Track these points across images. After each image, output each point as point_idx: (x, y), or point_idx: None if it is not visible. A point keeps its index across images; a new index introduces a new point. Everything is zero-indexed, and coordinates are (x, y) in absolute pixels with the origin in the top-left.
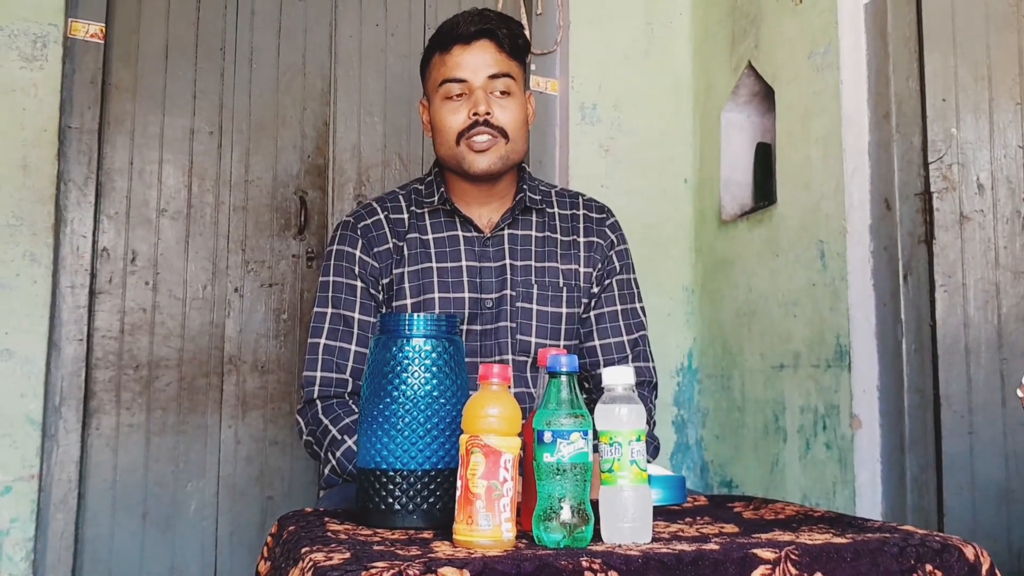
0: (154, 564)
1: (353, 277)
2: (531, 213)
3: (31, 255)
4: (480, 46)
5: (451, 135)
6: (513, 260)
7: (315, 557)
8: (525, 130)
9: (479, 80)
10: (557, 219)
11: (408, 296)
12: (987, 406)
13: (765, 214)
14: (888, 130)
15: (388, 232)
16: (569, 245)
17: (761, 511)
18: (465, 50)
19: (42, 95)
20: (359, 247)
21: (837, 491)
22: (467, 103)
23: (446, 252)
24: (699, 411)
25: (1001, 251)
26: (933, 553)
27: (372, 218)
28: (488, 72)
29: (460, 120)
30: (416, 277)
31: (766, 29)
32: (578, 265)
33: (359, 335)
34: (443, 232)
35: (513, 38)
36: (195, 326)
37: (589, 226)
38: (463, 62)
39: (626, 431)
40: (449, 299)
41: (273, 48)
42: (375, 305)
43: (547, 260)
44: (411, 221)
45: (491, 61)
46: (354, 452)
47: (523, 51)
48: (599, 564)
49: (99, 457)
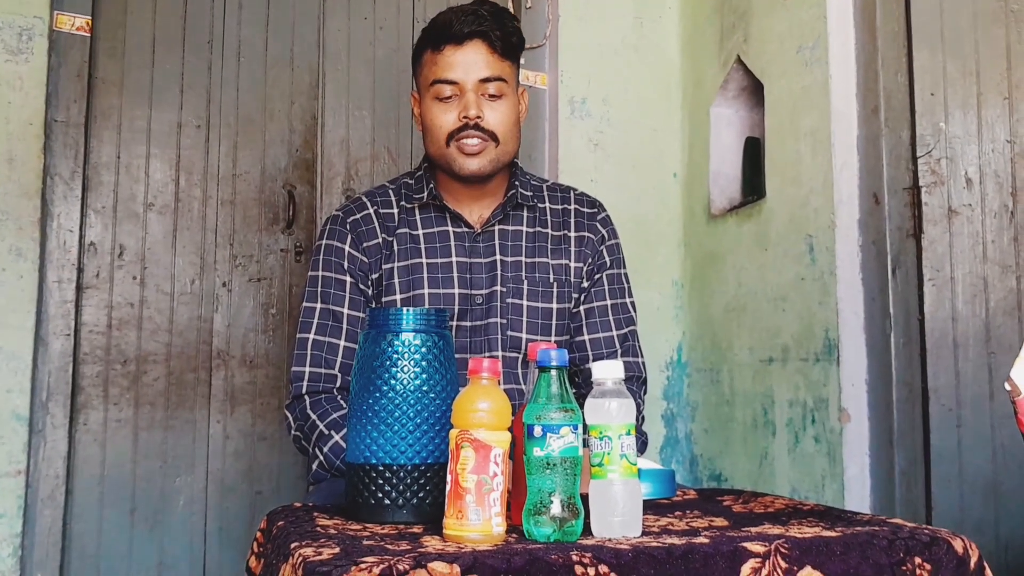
0: (142, 559)
1: (342, 272)
2: (522, 209)
3: (17, 250)
4: (472, 47)
5: (441, 136)
6: (504, 256)
7: (304, 552)
8: (516, 130)
9: (470, 83)
10: (548, 214)
11: (398, 292)
12: (975, 400)
13: (754, 208)
14: (877, 125)
15: (378, 227)
16: (560, 240)
17: (750, 505)
18: (457, 51)
19: (28, 88)
20: (348, 242)
21: (826, 484)
22: (458, 104)
23: (436, 248)
24: (688, 405)
25: (989, 245)
26: (922, 546)
27: (361, 212)
28: (479, 75)
29: (450, 121)
30: (406, 272)
31: (755, 24)
32: (569, 260)
33: (348, 330)
34: (433, 228)
35: (507, 37)
36: (183, 321)
37: (580, 220)
38: (454, 63)
39: (616, 425)
40: (439, 295)
41: (261, 42)
42: (364, 300)
43: (538, 256)
44: (401, 216)
45: (483, 64)
46: (341, 448)
47: (516, 49)
48: (589, 558)
49: (87, 452)
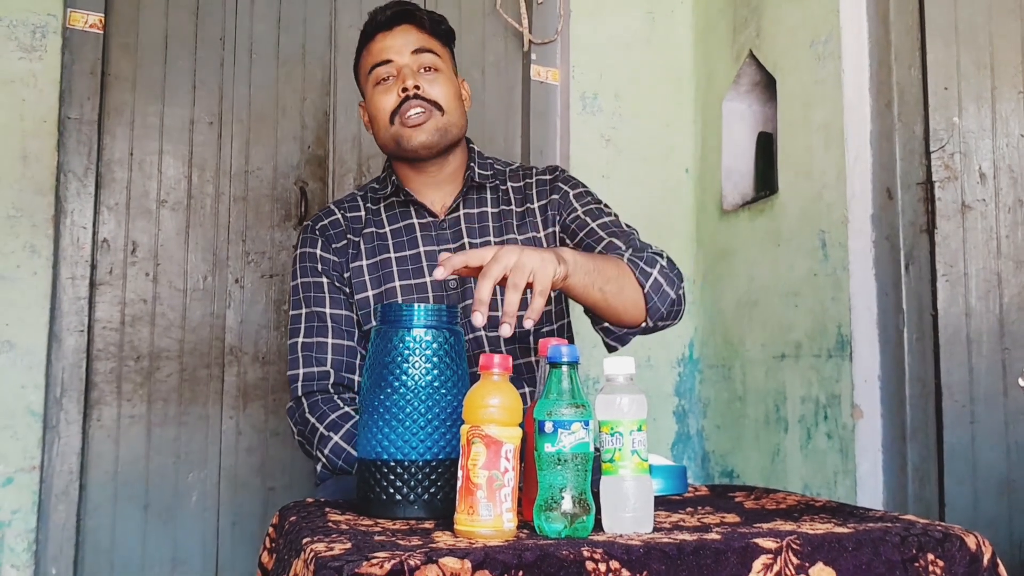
0: (155, 555)
1: (318, 275)
2: (485, 191)
3: (31, 246)
4: (401, 29)
5: (384, 117)
6: (472, 239)
7: (316, 548)
8: (461, 106)
9: (404, 58)
10: (511, 192)
11: (369, 288)
12: (988, 396)
13: (767, 204)
14: (890, 119)
15: (345, 229)
16: (523, 215)
17: (762, 501)
18: (387, 35)
19: (41, 86)
20: (319, 246)
21: (838, 481)
22: (396, 83)
23: (403, 241)
24: (700, 401)
25: (1003, 240)
26: (935, 543)
27: (329, 218)
28: (411, 48)
29: (391, 100)
30: (375, 269)
31: (768, 18)
32: (536, 232)
33: (333, 328)
34: (399, 222)
35: (434, 21)
36: (196, 317)
37: (542, 189)
38: (386, 46)
39: (627, 421)
40: (411, 285)
41: (273, 38)
42: (344, 298)
43: (505, 233)
44: (368, 217)
45: (413, 39)
46: (341, 448)
47: (447, 36)
48: (600, 554)
49: (100, 448)
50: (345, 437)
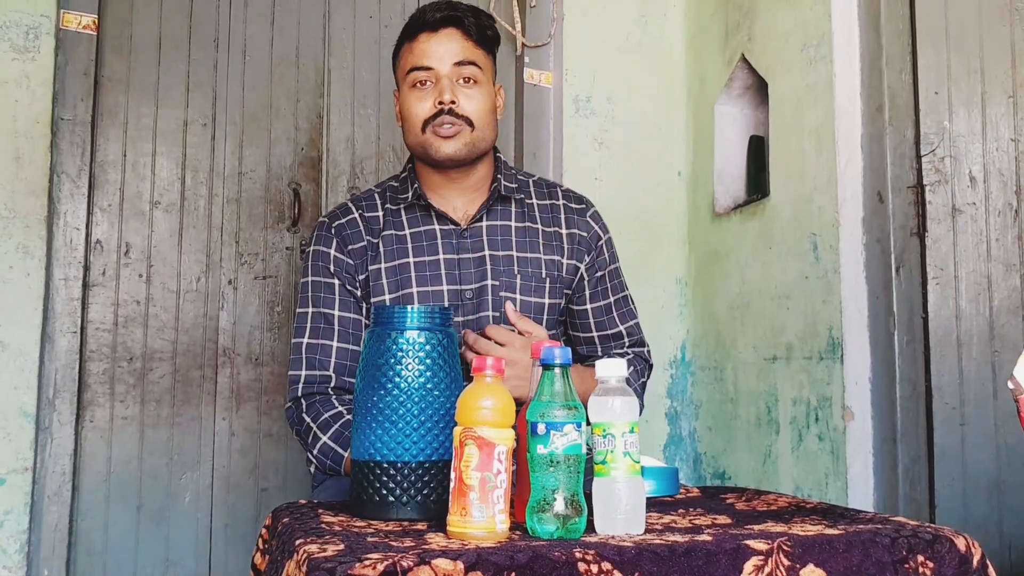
0: (148, 556)
1: (329, 276)
2: (509, 203)
3: (24, 248)
4: (446, 34)
5: (417, 123)
6: (493, 251)
7: (309, 549)
8: (493, 119)
9: (445, 68)
10: (536, 210)
11: (386, 292)
12: (979, 398)
13: (758, 207)
14: (881, 123)
15: (363, 230)
16: (551, 236)
17: (753, 502)
18: (431, 37)
19: (35, 87)
20: (333, 246)
21: (829, 482)
22: (433, 91)
23: (423, 246)
24: (692, 403)
25: (993, 244)
26: (925, 544)
27: (346, 217)
28: (454, 59)
29: (426, 108)
30: (393, 273)
31: (759, 22)
32: (561, 257)
33: (340, 331)
34: (419, 227)
35: (480, 28)
36: (189, 318)
37: (570, 217)
38: (429, 50)
39: (619, 423)
40: (427, 292)
41: (266, 40)
42: (354, 301)
43: (529, 251)
44: (387, 218)
45: (457, 49)
46: (330, 448)
47: (492, 42)
48: (592, 555)
49: (93, 449)
50: (333, 437)
